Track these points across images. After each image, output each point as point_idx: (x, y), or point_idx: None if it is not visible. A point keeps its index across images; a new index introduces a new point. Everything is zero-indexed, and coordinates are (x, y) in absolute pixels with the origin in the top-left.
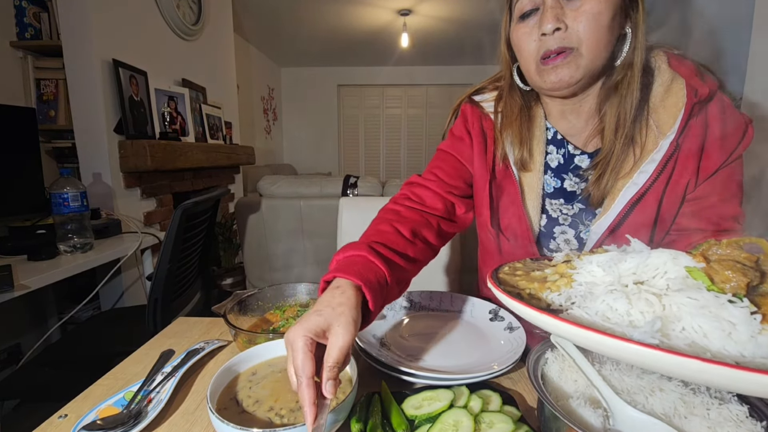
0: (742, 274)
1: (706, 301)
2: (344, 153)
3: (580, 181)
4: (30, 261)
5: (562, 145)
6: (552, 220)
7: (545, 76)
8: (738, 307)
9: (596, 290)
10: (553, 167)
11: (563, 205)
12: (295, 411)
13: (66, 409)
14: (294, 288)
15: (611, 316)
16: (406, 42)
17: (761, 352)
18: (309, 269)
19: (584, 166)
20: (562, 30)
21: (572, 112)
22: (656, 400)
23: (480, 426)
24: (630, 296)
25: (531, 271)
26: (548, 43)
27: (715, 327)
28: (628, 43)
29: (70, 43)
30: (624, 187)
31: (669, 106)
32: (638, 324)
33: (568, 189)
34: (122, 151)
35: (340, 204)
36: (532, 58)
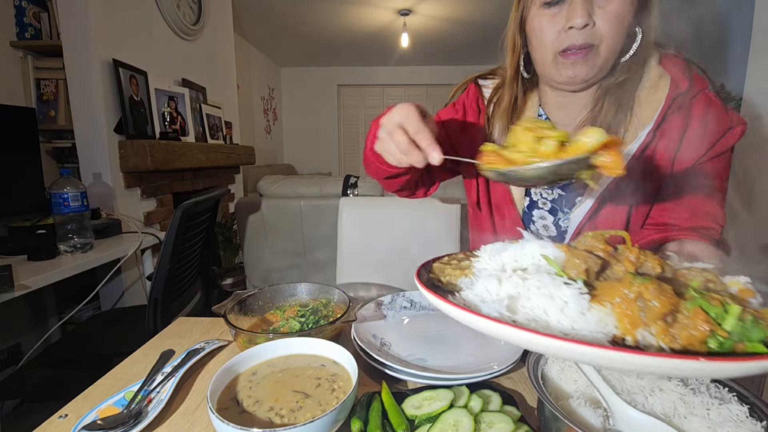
0: (583, 261)
1: (548, 282)
2: (344, 153)
3: None
4: (30, 261)
5: None
6: (533, 202)
7: (563, 70)
8: (570, 288)
9: (482, 275)
10: None
11: (545, 189)
12: (295, 411)
13: (66, 409)
14: (294, 288)
15: (486, 296)
16: (406, 42)
17: (589, 327)
18: (309, 269)
19: None
20: (590, 26)
21: (569, 104)
22: (656, 400)
23: (480, 426)
24: (501, 280)
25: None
26: (574, 37)
27: (551, 304)
28: (637, 43)
29: (70, 43)
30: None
31: (652, 100)
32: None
33: None
34: (122, 151)
35: (341, 204)
36: (551, 48)
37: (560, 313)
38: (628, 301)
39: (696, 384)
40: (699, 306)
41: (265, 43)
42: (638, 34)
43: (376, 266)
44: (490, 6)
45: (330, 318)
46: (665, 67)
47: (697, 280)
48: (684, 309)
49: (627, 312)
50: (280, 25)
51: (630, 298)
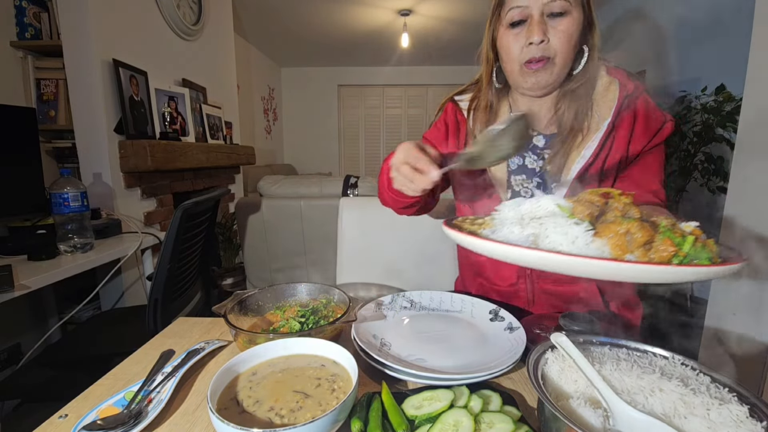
0: (586, 208)
1: (562, 222)
2: (344, 153)
3: (538, 159)
4: (30, 261)
5: None
6: (515, 193)
7: (527, 78)
8: (579, 226)
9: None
10: None
11: (525, 180)
12: (295, 411)
13: (66, 409)
14: (294, 288)
15: (511, 237)
16: (406, 42)
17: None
18: (309, 269)
19: (540, 145)
20: (545, 42)
21: (536, 107)
22: (656, 400)
23: (480, 426)
24: (523, 224)
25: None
26: (533, 51)
27: (564, 239)
28: (585, 58)
29: (70, 43)
30: (575, 161)
31: (607, 100)
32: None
33: (529, 166)
34: (122, 151)
35: (341, 204)
36: (517, 61)
37: (571, 245)
38: (619, 235)
39: (696, 384)
40: (667, 237)
41: (265, 43)
42: (585, 52)
43: (376, 266)
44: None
45: (330, 318)
46: (612, 75)
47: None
48: (657, 239)
49: (618, 243)
50: (280, 25)
51: (621, 233)
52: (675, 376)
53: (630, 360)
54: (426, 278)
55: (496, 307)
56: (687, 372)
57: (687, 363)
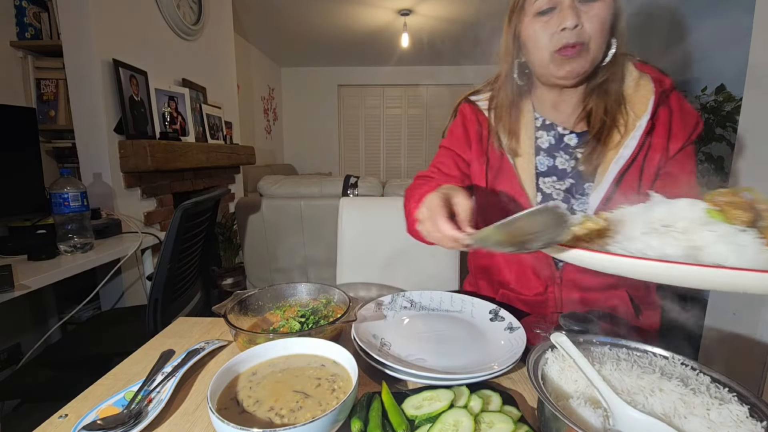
0: (747, 212)
1: (725, 232)
2: (344, 153)
3: (570, 158)
4: (30, 261)
5: (552, 128)
6: (546, 196)
7: (562, 66)
8: (748, 234)
9: (632, 234)
10: (545, 148)
11: (556, 182)
12: (295, 411)
13: (66, 409)
14: (294, 288)
15: (649, 252)
16: (406, 42)
17: (764, 266)
18: (309, 269)
19: (573, 143)
20: (579, 27)
21: (563, 102)
22: (656, 400)
23: (480, 426)
24: (661, 235)
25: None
26: (567, 36)
27: (731, 250)
28: (613, 49)
29: (70, 43)
30: (613, 160)
31: (640, 96)
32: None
33: (560, 167)
34: (122, 151)
35: (341, 204)
36: (547, 49)
37: (741, 256)
38: None
39: (696, 384)
40: None
41: (265, 43)
42: (613, 43)
43: (376, 266)
44: (490, 6)
45: (330, 318)
46: (641, 69)
47: None
48: None
49: None
50: (280, 25)
51: None
52: (675, 376)
53: (630, 360)
54: (426, 278)
55: (496, 307)
56: (687, 372)
57: (687, 363)
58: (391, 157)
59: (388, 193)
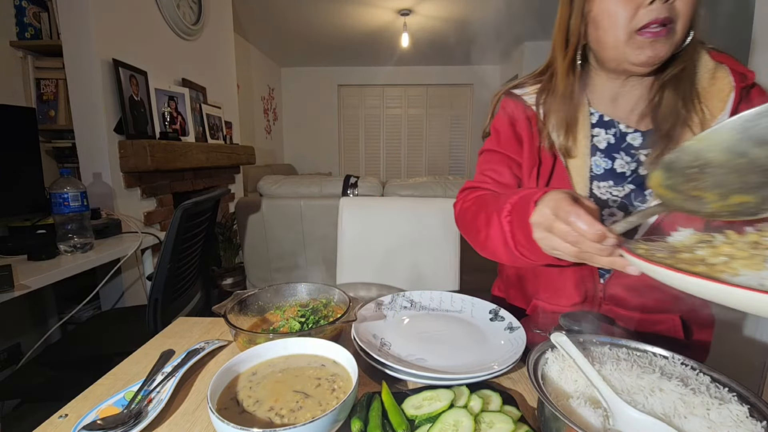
0: None
1: None
2: (344, 153)
3: (632, 161)
4: (30, 261)
5: (612, 125)
6: (600, 202)
7: (642, 49)
8: None
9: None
10: (603, 148)
11: (612, 187)
12: (295, 411)
13: (66, 409)
14: (294, 288)
15: None
16: (406, 42)
17: None
18: (309, 269)
19: (636, 144)
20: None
21: (625, 95)
22: (656, 400)
23: (480, 426)
24: None
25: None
26: (656, 11)
27: None
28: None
29: (70, 43)
30: None
31: (716, 90)
32: None
33: (618, 170)
34: (122, 151)
35: (341, 204)
36: (627, 27)
37: None
38: None
39: (696, 384)
40: None
41: (265, 43)
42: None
43: (376, 266)
44: (491, 6)
45: (330, 318)
46: (717, 59)
47: None
48: None
49: None
50: (280, 25)
51: None
52: (675, 376)
53: (630, 360)
54: (426, 278)
55: (496, 307)
56: (687, 372)
57: (687, 363)
58: (391, 157)
59: (388, 193)
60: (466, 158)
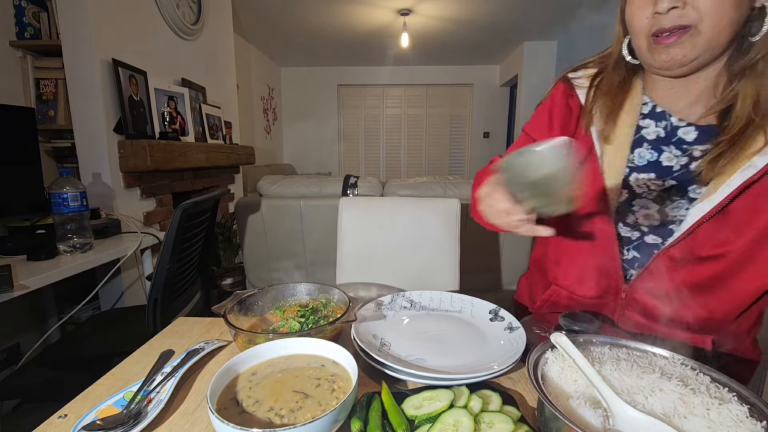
0: None
1: None
2: (344, 153)
3: (682, 155)
4: (29, 261)
5: (663, 118)
6: (634, 194)
7: (656, 55)
8: None
9: None
10: (651, 139)
11: (652, 180)
12: (295, 411)
13: (66, 409)
14: (294, 288)
15: None
16: (406, 42)
17: None
18: (309, 269)
19: (689, 138)
20: (679, 8)
21: (685, 89)
22: (656, 400)
23: (480, 426)
24: None
25: None
26: (662, 21)
27: None
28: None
29: (69, 43)
30: (739, 168)
31: None
32: None
33: (664, 163)
34: (122, 150)
35: (341, 204)
36: (644, 34)
37: None
38: None
39: (696, 384)
40: None
41: (265, 43)
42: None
43: (376, 266)
44: (490, 6)
45: (330, 318)
46: None
47: None
48: None
49: None
50: (280, 25)
51: None
52: (675, 376)
53: (630, 360)
54: (426, 278)
55: (496, 307)
56: (687, 372)
57: (687, 363)
58: (390, 157)
59: (388, 193)
60: (466, 158)
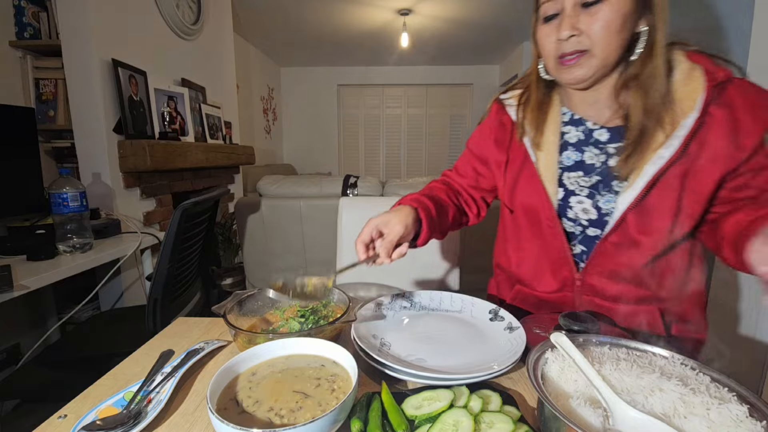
0: None
1: None
2: (344, 153)
3: (600, 153)
4: (29, 261)
5: (580, 123)
6: (569, 192)
7: (563, 74)
8: None
9: None
10: (573, 143)
11: (581, 177)
12: (295, 411)
13: (66, 410)
14: None
15: None
16: (406, 42)
17: None
18: (309, 269)
19: (603, 139)
20: (576, 36)
21: (591, 99)
22: (656, 400)
23: (480, 426)
24: None
25: None
26: (564, 46)
27: None
28: (644, 41)
29: (69, 43)
30: (649, 161)
31: (690, 90)
32: None
33: (587, 162)
34: (121, 151)
35: (340, 204)
36: (552, 56)
37: None
38: None
39: (696, 384)
40: None
41: (264, 43)
42: (643, 33)
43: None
44: (490, 6)
45: (330, 318)
46: (693, 61)
47: None
48: None
49: None
50: (280, 24)
51: None
52: (674, 376)
53: (629, 360)
54: (426, 278)
55: (495, 306)
56: (686, 371)
57: (686, 362)
58: (390, 157)
59: (388, 193)
60: None
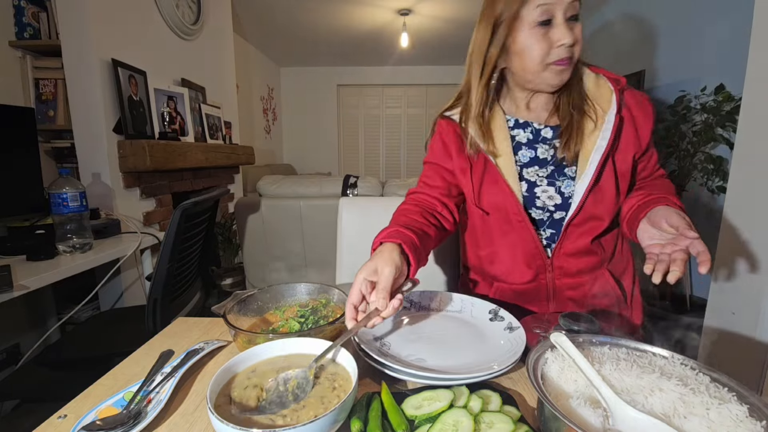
0: None
1: None
2: (344, 153)
3: (549, 148)
4: (29, 261)
5: (527, 125)
6: (531, 184)
7: (554, 76)
8: None
9: None
10: (525, 142)
11: (538, 170)
12: (296, 411)
13: (65, 410)
14: (294, 288)
15: None
16: (406, 42)
17: None
18: (309, 269)
19: (548, 136)
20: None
21: (535, 102)
22: (656, 400)
23: (480, 426)
24: None
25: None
26: (563, 52)
27: None
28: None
29: (69, 43)
30: (593, 150)
31: (602, 92)
32: None
33: (540, 156)
34: (121, 151)
35: (340, 204)
36: (541, 59)
37: None
38: None
39: (695, 384)
40: None
41: (264, 43)
42: None
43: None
44: None
45: (330, 318)
46: (596, 72)
47: None
48: None
49: None
50: (279, 25)
51: None
52: (674, 376)
53: (629, 360)
54: (426, 278)
55: (495, 306)
56: (686, 371)
57: (686, 362)
58: (390, 157)
59: (388, 193)
60: None
